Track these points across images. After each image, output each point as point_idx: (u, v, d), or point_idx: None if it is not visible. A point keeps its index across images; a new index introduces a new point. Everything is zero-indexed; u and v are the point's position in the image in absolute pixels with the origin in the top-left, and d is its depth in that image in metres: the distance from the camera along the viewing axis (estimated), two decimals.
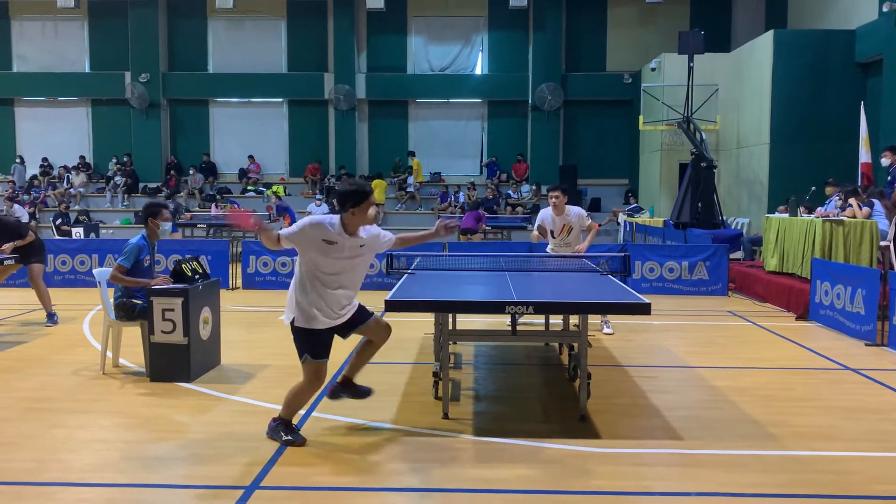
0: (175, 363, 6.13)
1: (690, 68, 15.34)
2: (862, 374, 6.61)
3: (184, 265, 6.38)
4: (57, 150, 23.01)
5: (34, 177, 22.56)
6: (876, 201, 9.92)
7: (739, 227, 15.38)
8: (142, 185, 22.23)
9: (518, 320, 5.28)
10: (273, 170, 23.10)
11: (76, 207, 20.99)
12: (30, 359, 7.03)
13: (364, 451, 4.59)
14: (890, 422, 5.28)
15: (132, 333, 6.74)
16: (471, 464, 4.42)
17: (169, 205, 8.07)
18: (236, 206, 20.91)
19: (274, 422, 4.78)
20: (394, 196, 21.75)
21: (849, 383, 6.37)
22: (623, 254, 7.33)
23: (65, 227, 17.43)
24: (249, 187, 22.13)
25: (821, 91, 14.77)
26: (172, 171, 22.48)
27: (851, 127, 13.22)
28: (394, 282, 6.09)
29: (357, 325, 4.80)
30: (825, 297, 8.84)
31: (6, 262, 8.28)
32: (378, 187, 19.85)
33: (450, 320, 6.05)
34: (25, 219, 10.31)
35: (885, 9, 13.21)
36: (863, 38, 14.43)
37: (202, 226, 17.10)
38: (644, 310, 4.77)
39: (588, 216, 8.16)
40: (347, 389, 5.10)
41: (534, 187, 21.31)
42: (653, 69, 18.64)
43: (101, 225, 19.21)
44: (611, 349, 7.54)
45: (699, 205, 14.38)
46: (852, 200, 9.87)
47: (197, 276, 6.41)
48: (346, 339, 4.83)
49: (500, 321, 8.17)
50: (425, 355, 7.18)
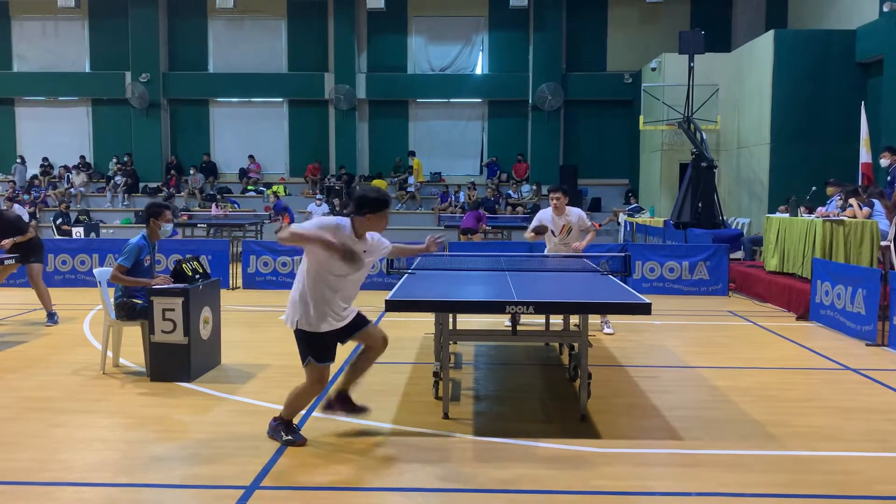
0: (175, 363, 6.13)
1: (691, 68, 15.34)
2: (862, 375, 6.61)
3: (184, 265, 6.38)
4: (57, 149, 23.03)
5: (34, 176, 22.56)
6: (876, 201, 9.91)
7: (740, 227, 15.37)
8: (142, 184, 22.25)
9: (519, 321, 5.28)
10: (273, 170, 23.10)
11: (76, 207, 21.00)
12: (30, 358, 7.03)
13: (364, 451, 4.60)
14: (890, 422, 5.28)
15: (132, 333, 6.74)
16: (471, 464, 4.42)
17: (171, 205, 8.08)
18: (237, 205, 20.93)
19: (275, 421, 4.77)
20: (394, 196, 21.73)
21: (849, 383, 6.37)
22: (623, 254, 7.33)
23: (65, 227, 17.43)
24: (250, 187, 22.13)
25: (821, 91, 14.76)
26: (173, 171, 22.49)
27: (852, 127, 13.22)
28: (394, 282, 6.09)
29: (357, 329, 4.76)
30: (825, 297, 8.84)
31: (6, 262, 8.28)
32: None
33: (450, 320, 6.05)
34: (26, 218, 10.30)
35: (885, 9, 13.21)
36: (863, 38, 14.43)
37: (202, 226, 17.09)
38: (644, 310, 4.78)
39: (588, 218, 8.17)
40: (343, 404, 4.97)
41: (534, 187, 21.31)
42: (653, 69, 18.63)
43: (101, 225, 19.21)
44: (611, 349, 7.54)
45: (699, 205, 14.38)
46: (853, 200, 9.87)
47: (197, 276, 6.41)
48: (344, 343, 4.78)
49: (501, 321, 8.18)
50: (426, 355, 7.18)
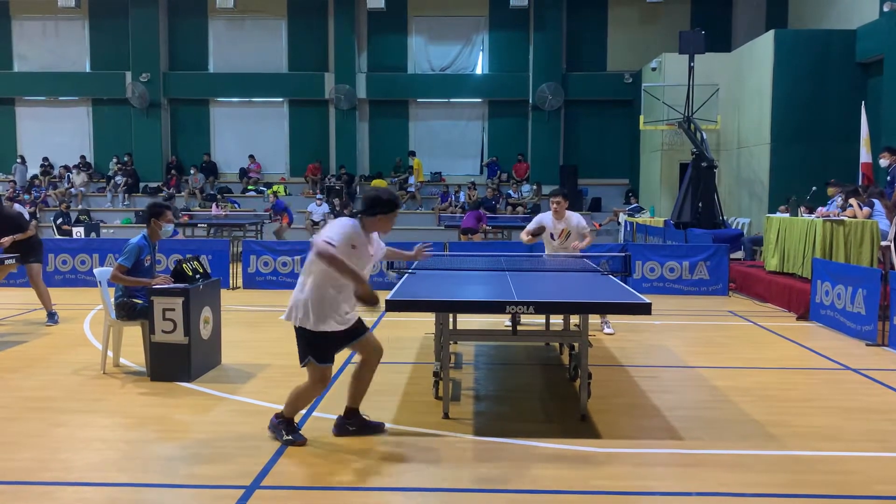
0: (176, 363, 6.13)
1: (691, 68, 15.33)
2: (862, 375, 6.61)
3: (184, 265, 6.38)
4: (58, 149, 23.03)
5: (35, 176, 22.56)
6: (876, 201, 9.91)
7: (740, 227, 15.37)
8: (142, 184, 22.25)
9: (519, 321, 5.28)
10: (273, 169, 23.10)
11: (77, 207, 21.00)
12: (31, 358, 7.04)
13: (364, 451, 4.59)
14: (890, 422, 5.28)
15: (133, 333, 6.74)
16: (471, 464, 4.42)
17: (172, 206, 8.10)
18: (237, 205, 20.93)
19: (276, 419, 4.77)
20: None
21: (849, 383, 6.37)
22: (624, 254, 7.34)
23: (65, 227, 17.43)
24: (250, 187, 22.14)
25: (821, 91, 14.76)
26: (173, 171, 22.50)
27: (852, 127, 13.22)
28: (394, 282, 6.09)
29: (356, 336, 4.71)
30: (826, 297, 8.84)
31: (7, 262, 8.27)
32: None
33: (450, 320, 6.06)
34: (26, 217, 10.30)
35: (885, 8, 13.21)
36: (863, 37, 14.42)
37: (203, 225, 17.09)
38: (645, 310, 4.78)
39: (587, 224, 8.15)
40: (356, 423, 4.88)
41: (534, 187, 21.31)
42: (653, 69, 18.63)
43: (101, 224, 19.22)
44: (611, 349, 7.54)
45: (700, 205, 14.37)
46: (853, 200, 9.87)
47: (197, 276, 6.41)
48: (339, 350, 4.71)
49: (501, 321, 8.18)
50: (426, 355, 7.18)
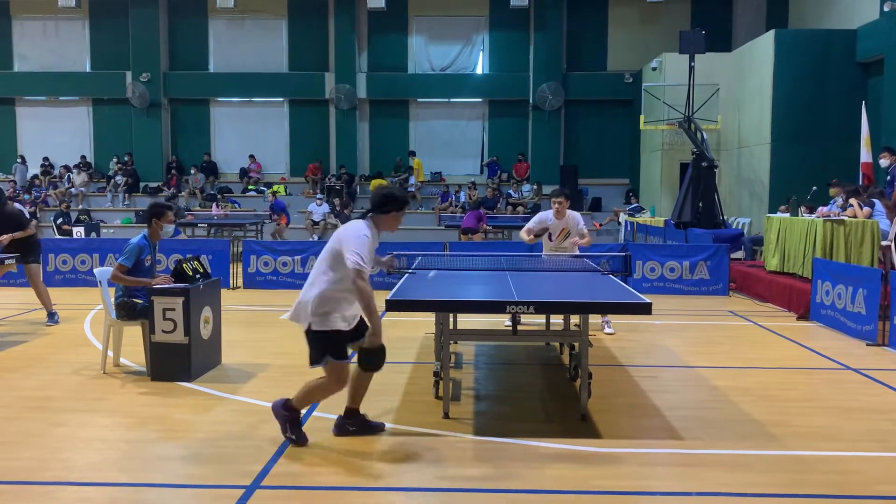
0: (176, 363, 6.13)
1: (691, 68, 15.32)
2: (863, 374, 6.61)
3: (185, 265, 6.38)
4: (58, 149, 23.02)
5: (35, 176, 22.56)
6: (876, 201, 9.91)
7: (740, 227, 15.36)
8: (143, 184, 22.25)
9: (519, 321, 5.28)
10: (274, 169, 23.10)
11: (77, 207, 21.00)
12: (31, 358, 7.04)
13: (364, 451, 4.59)
14: (891, 422, 5.28)
15: (133, 333, 6.74)
16: (471, 463, 4.42)
17: (174, 205, 8.10)
18: (237, 205, 20.93)
19: (285, 409, 4.64)
20: None
21: (850, 383, 6.37)
22: (624, 253, 7.34)
23: (66, 227, 17.44)
24: (250, 187, 22.13)
25: (822, 91, 14.75)
26: (173, 171, 22.49)
27: (852, 127, 13.21)
28: (394, 281, 6.09)
29: (359, 336, 4.69)
30: (826, 296, 8.83)
31: (7, 262, 8.26)
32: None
33: (450, 320, 6.06)
34: (27, 217, 10.29)
35: (885, 8, 13.20)
36: (864, 37, 14.42)
37: (203, 225, 17.10)
38: (645, 309, 4.78)
39: (585, 226, 8.12)
40: (356, 423, 4.87)
41: (534, 187, 21.30)
42: (654, 69, 18.63)
43: (101, 224, 19.23)
44: (611, 349, 7.54)
45: (700, 204, 14.36)
46: (853, 200, 9.86)
47: (198, 276, 6.41)
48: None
49: (501, 321, 8.18)
50: (426, 355, 7.18)
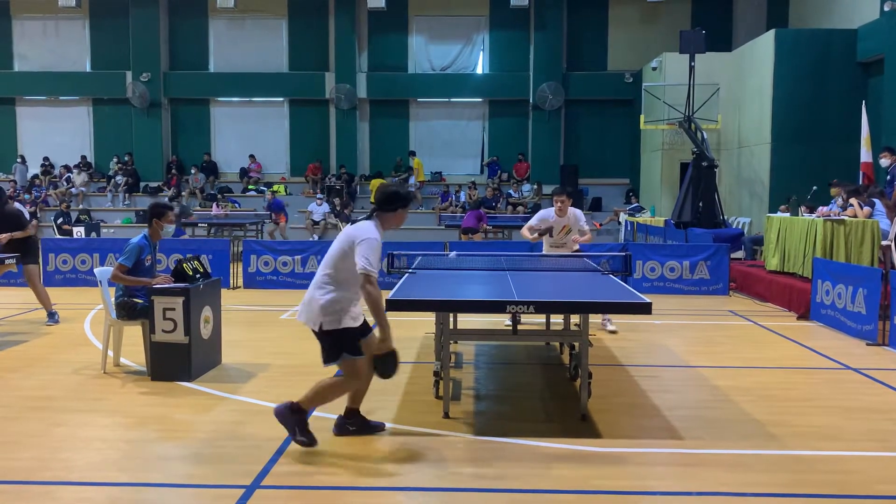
0: (176, 362, 6.13)
1: (692, 67, 15.32)
2: (863, 374, 6.61)
3: (185, 264, 6.38)
4: (58, 149, 23.03)
5: (35, 176, 22.57)
6: (877, 201, 9.90)
7: (740, 227, 15.37)
8: (143, 184, 22.25)
9: (519, 320, 5.27)
10: (274, 169, 23.10)
11: (77, 207, 21.00)
12: (31, 358, 7.04)
13: (364, 451, 4.59)
14: (891, 421, 5.27)
15: (133, 333, 6.74)
16: (471, 463, 4.42)
17: (174, 206, 8.09)
18: (237, 205, 20.93)
19: (290, 411, 4.55)
20: None
21: (850, 383, 6.37)
22: (624, 253, 7.33)
23: (66, 227, 17.44)
24: (250, 186, 22.13)
25: (822, 90, 14.74)
26: (174, 171, 22.50)
27: (853, 126, 13.21)
28: (395, 281, 6.09)
29: (363, 335, 4.67)
30: (826, 296, 8.83)
31: (7, 262, 8.25)
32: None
33: (451, 320, 6.06)
34: (27, 217, 10.30)
35: (886, 8, 13.19)
36: (864, 37, 14.41)
37: (203, 225, 17.10)
38: (645, 309, 4.78)
39: (586, 222, 8.15)
40: (356, 422, 4.87)
41: (535, 186, 21.30)
42: (654, 68, 18.63)
43: (102, 224, 19.24)
44: (612, 348, 7.54)
45: (700, 204, 14.37)
46: (853, 200, 9.86)
47: (198, 276, 6.41)
48: None
49: (501, 321, 8.18)
50: (426, 355, 7.18)
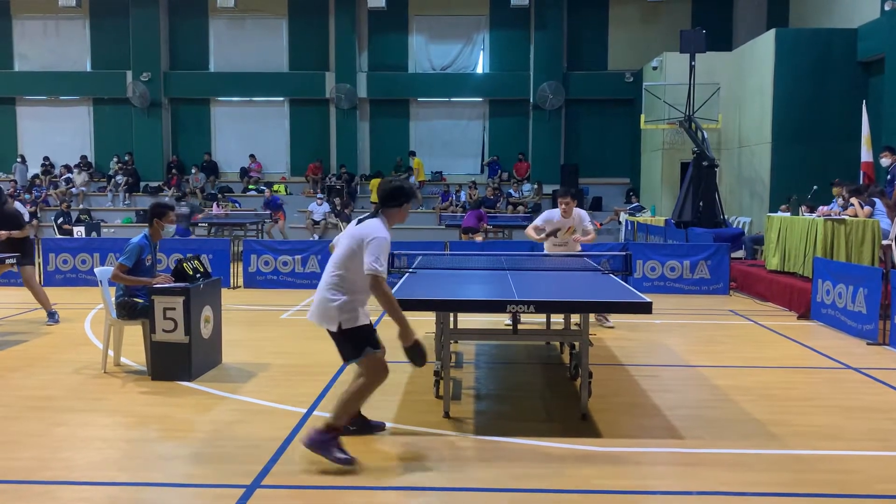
0: (176, 362, 6.14)
1: (692, 67, 15.32)
2: (863, 374, 6.61)
3: (185, 264, 6.38)
4: (58, 149, 23.03)
5: (35, 176, 22.57)
6: (877, 200, 9.90)
7: (741, 226, 15.37)
8: (143, 184, 22.25)
9: (519, 320, 5.27)
10: (274, 169, 23.10)
11: (78, 206, 21.00)
12: (31, 357, 7.04)
13: (365, 451, 4.58)
14: (891, 421, 5.27)
15: (134, 332, 6.74)
16: (472, 463, 4.42)
17: (175, 206, 8.07)
18: (238, 205, 20.92)
19: (323, 434, 4.34)
20: None
21: (850, 382, 6.37)
22: (624, 253, 7.32)
23: (66, 226, 17.44)
24: (251, 186, 22.13)
25: (823, 90, 14.74)
26: (174, 170, 22.50)
27: (853, 126, 13.21)
28: (395, 281, 6.09)
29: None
30: (827, 296, 8.83)
31: (7, 261, 8.26)
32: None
33: (451, 319, 6.05)
34: (26, 217, 10.33)
35: (886, 7, 13.19)
36: (865, 36, 14.40)
37: (203, 225, 17.10)
38: (645, 309, 4.78)
39: (590, 222, 8.17)
40: (356, 422, 4.87)
41: (535, 186, 21.30)
42: (654, 68, 18.62)
43: (102, 224, 19.23)
44: (612, 348, 7.54)
45: (700, 204, 14.37)
46: (854, 199, 9.86)
47: (198, 275, 6.41)
48: None
49: (501, 320, 8.19)
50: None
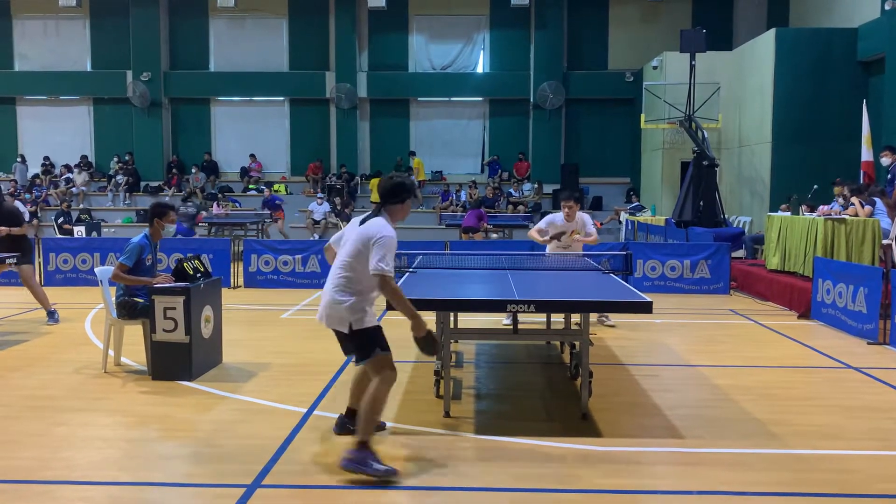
0: (177, 362, 6.14)
1: (692, 66, 15.32)
2: (864, 373, 6.60)
3: (185, 264, 6.38)
4: (59, 148, 23.04)
5: (36, 175, 22.57)
6: (878, 200, 9.90)
7: (741, 226, 15.36)
8: (143, 183, 22.26)
9: (506, 321, 5.27)
10: (274, 168, 23.10)
11: (78, 206, 21.00)
12: (32, 357, 7.04)
13: None
14: (892, 420, 5.27)
15: (134, 332, 6.74)
16: (472, 462, 4.42)
17: (182, 206, 8.07)
18: (238, 204, 20.92)
19: (357, 452, 4.19)
20: None
21: (851, 382, 6.37)
22: (625, 252, 7.33)
23: (67, 226, 17.44)
24: (251, 186, 22.13)
25: (823, 89, 14.73)
26: (174, 170, 22.50)
27: (853, 125, 13.20)
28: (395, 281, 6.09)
29: None
30: (827, 295, 8.83)
31: (8, 261, 8.25)
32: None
33: (451, 319, 6.05)
34: (26, 217, 10.33)
35: (886, 7, 13.18)
36: (865, 36, 14.40)
37: (204, 224, 17.10)
38: (646, 308, 4.78)
39: (592, 225, 8.17)
40: (357, 422, 4.77)
41: (535, 186, 21.30)
42: (654, 67, 18.62)
43: (102, 224, 19.23)
44: (612, 347, 7.54)
45: (701, 203, 14.37)
46: (854, 199, 9.86)
47: (198, 275, 6.41)
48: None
49: (501, 320, 8.18)
50: None
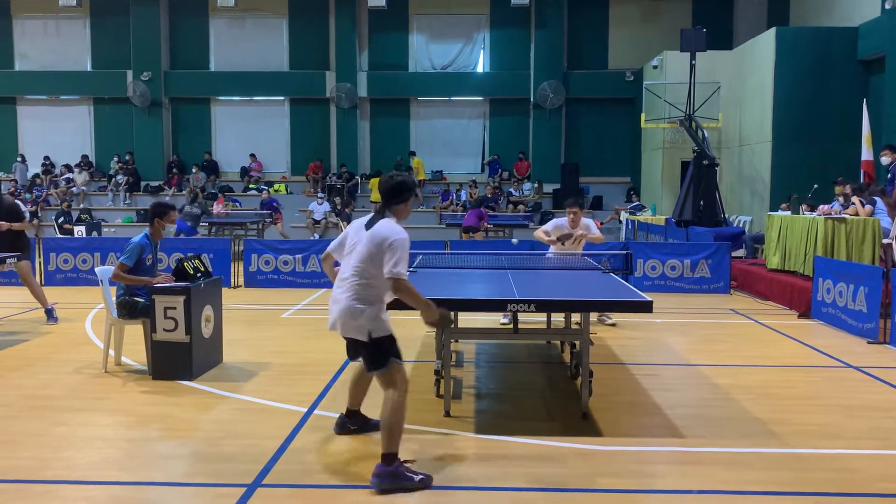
0: (177, 361, 6.14)
1: (692, 66, 15.32)
2: (864, 372, 6.60)
3: (186, 263, 6.38)
4: (59, 148, 23.04)
5: (36, 175, 22.58)
6: (878, 199, 9.90)
7: (741, 225, 15.37)
8: (143, 183, 22.26)
9: (503, 320, 5.26)
10: (275, 168, 23.10)
11: (78, 206, 21.01)
12: (32, 357, 7.04)
13: (365, 450, 4.58)
14: (892, 419, 5.27)
15: (134, 332, 6.74)
16: (472, 462, 4.42)
17: (186, 206, 8.07)
18: (238, 204, 20.92)
19: (386, 467, 4.04)
20: None
21: (851, 381, 6.37)
22: (625, 252, 7.34)
23: (67, 226, 17.44)
24: (251, 185, 22.13)
25: (823, 89, 14.73)
26: (174, 170, 22.50)
27: (854, 124, 13.20)
28: None
29: None
30: (827, 294, 8.83)
31: (8, 261, 8.25)
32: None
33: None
34: (27, 216, 10.32)
35: (887, 6, 13.19)
36: (865, 35, 14.39)
37: (204, 224, 17.09)
38: (646, 307, 4.78)
39: (596, 229, 8.18)
40: (357, 421, 4.86)
41: (535, 185, 21.30)
42: (655, 67, 18.62)
43: (103, 223, 19.23)
44: (613, 347, 7.54)
45: (701, 203, 14.37)
46: (855, 198, 9.86)
47: (199, 275, 6.41)
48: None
49: (499, 319, 8.18)
50: (427, 353, 7.18)
